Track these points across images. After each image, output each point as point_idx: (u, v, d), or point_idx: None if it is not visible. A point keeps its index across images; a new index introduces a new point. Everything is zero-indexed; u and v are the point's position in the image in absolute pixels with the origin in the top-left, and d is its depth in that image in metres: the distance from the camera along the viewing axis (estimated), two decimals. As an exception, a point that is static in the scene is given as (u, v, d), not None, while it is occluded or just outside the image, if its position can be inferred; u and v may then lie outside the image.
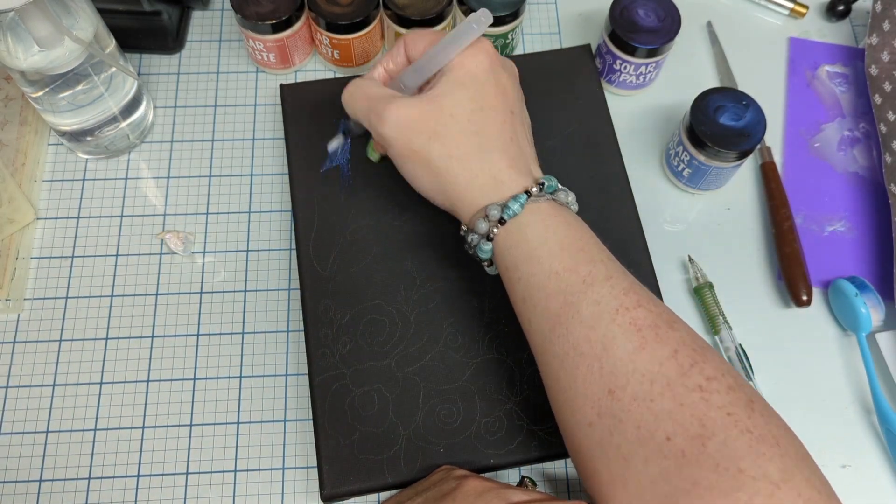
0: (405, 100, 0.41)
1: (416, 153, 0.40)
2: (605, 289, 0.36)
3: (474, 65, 0.41)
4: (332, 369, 0.45)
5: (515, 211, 0.38)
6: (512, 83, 0.43)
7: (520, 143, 0.41)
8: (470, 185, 0.40)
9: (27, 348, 0.48)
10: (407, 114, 0.40)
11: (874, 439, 0.48)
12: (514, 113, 0.42)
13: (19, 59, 0.45)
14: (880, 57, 0.56)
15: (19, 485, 0.45)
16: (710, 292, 0.50)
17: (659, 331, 0.34)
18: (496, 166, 0.39)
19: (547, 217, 0.38)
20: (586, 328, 0.35)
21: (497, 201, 0.39)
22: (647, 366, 0.33)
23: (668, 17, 0.53)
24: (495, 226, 0.39)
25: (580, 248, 0.37)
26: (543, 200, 0.39)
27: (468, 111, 0.40)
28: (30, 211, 0.51)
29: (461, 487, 0.38)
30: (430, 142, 0.40)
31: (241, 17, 0.52)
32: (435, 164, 0.40)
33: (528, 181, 0.39)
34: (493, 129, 0.40)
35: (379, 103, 0.41)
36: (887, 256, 0.52)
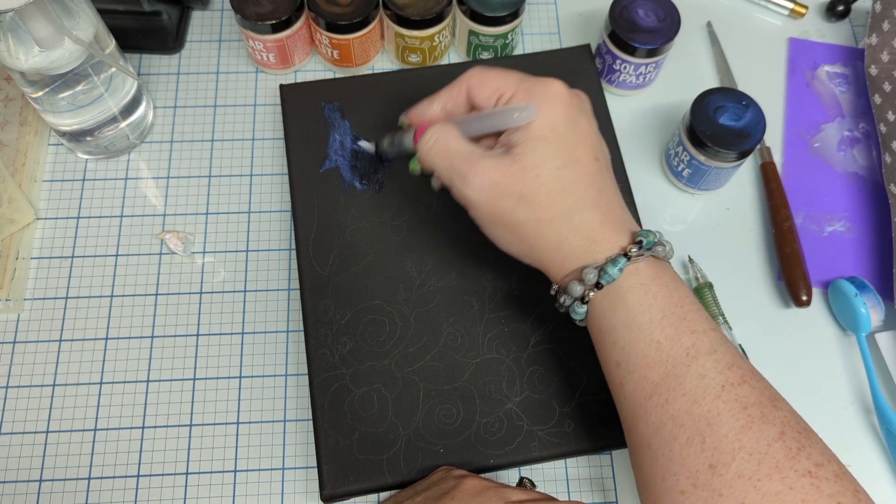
0: (489, 161, 0.38)
1: (502, 217, 0.39)
2: (709, 362, 0.34)
3: (552, 115, 0.38)
4: (332, 369, 0.45)
5: (614, 276, 0.36)
6: (590, 125, 0.40)
7: (609, 193, 0.39)
8: (561, 248, 0.38)
9: (27, 348, 0.48)
10: (492, 177, 0.38)
11: (874, 439, 0.48)
12: (598, 159, 0.39)
13: (19, 59, 0.45)
14: (880, 57, 0.56)
15: (19, 485, 0.45)
16: (710, 292, 0.50)
17: (764, 409, 0.33)
18: (588, 226, 0.37)
19: (647, 280, 0.36)
20: (689, 402, 0.34)
21: (592, 263, 0.37)
22: (754, 445, 0.32)
23: (667, 17, 0.53)
24: (591, 290, 0.37)
25: (682, 315, 0.36)
26: (642, 260, 0.37)
27: (553, 169, 0.38)
28: (30, 211, 0.51)
29: (460, 486, 0.38)
30: (517, 206, 0.38)
31: (240, 17, 0.52)
32: (523, 228, 0.38)
33: (625, 238, 0.37)
34: (580, 185, 0.38)
35: (463, 164, 0.39)
36: (887, 256, 0.52)
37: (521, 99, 0.39)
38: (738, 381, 0.34)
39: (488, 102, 0.40)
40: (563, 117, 0.38)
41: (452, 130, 0.40)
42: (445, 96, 0.42)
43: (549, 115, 0.38)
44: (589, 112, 0.41)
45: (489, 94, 0.40)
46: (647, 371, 0.35)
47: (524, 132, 0.38)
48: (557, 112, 0.38)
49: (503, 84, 0.40)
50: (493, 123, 0.40)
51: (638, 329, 0.36)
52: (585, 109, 0.41)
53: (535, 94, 0.39)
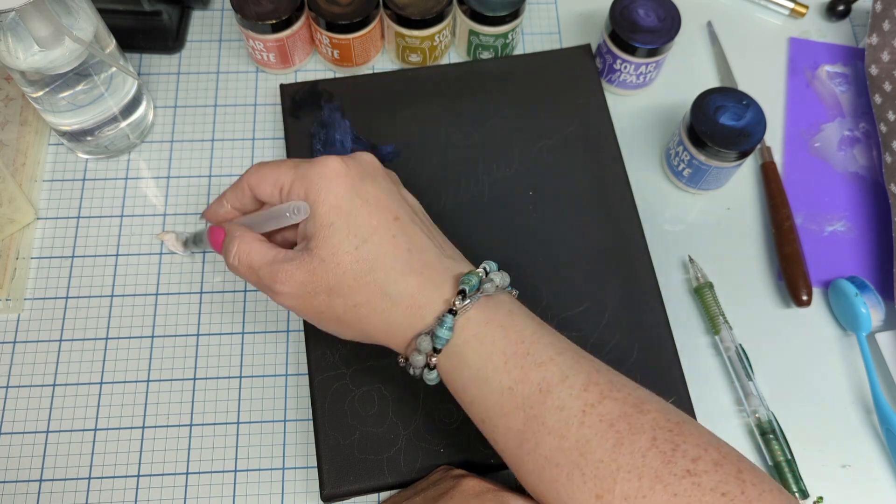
0: (290, 264, 0.37)
1: (322, 313, 0.38)
2: (563, 391, 0.33)
3: (332, 197, 0.37)
4: (332, 369, 0.45)
5: (446, 337, 0.35)
6: (378, 187, 0.38)
7: (421, 248, 0.37)
8: (388, 324, 0.37)
9: (27, 348, 0.48)
10: (297, 280, 0.37)
11: (874, 439, 0.48)
12: (398, 218, 0.37)
13: (19, 59, 0.45)
14: (880, 57, 0.56)
15: (19, 485, 0.45)
16: (710, 292, 0.50)
17: (631, 420, 0.32)
18: (406, 292, 0.36)
19: (481, 329, 0.35)
20: (556, 438, 0.33)
21: (423, 329, 0.36)
22: (630, 461, 0.31)
23: (668, 17, 0.53)
24: (432, 356, 0.36)
25: (525, 352, 0.35)
26: (471, 307, 0.35)
27: (351, 251, 0.36)
28: (30, 211, 0.51)
29: (459, 487, 0.38)
30: (331, 298, 0.37)
31: (241, 17, 0.52)
32: (345, 318, 0.37)
33: (448, 291, 0.36)
34: (386, 257, 0.36)
35: (267, 275, 0.38)
36: (887, 256, 0.52)
37: (297, 188, 0.38)
38: (598, 399, 0.33)
39: (272, 198, 0.39)
40: (345, 195, 0.37)
41: (251, 240, 0.39)
42: (232, 196, 0.41)
43: (329, 197, 0.37)
44: (374, 173, 0.39)
45: (269, 190, 0.39)
46: (509, 420, 0.34)
47: (312, 222, 0.37)
48: (337, 190, 0.37)
49: (279, 177, 0.38)
50: (274, 223, 0.39)
51: (486, 382, 0.35)
52: (370, 173, 0.39)
53: (310, 179, 0.37)
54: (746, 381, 0.48)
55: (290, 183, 0.38)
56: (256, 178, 0.39)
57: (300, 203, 0.37)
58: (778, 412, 0.48)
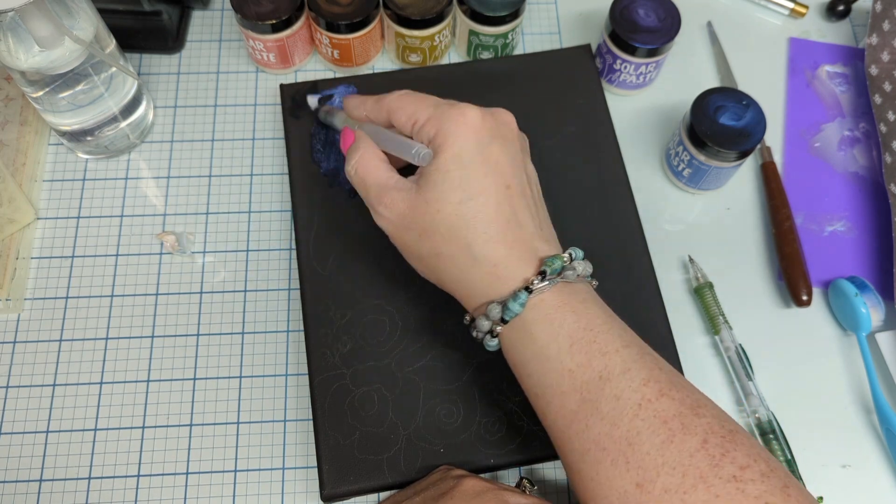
0: (397, 193, 0.39)
1: (409, 249, 0.40)
2: (623, 382, 0.34)
3: (458, 145, 0.38)
4: (332, 369, 0.45)
5: (516, 311, 0.36)
6: (504, 150, 0.39)
7: (521, 221, 0.38)
8: (464, 282, 0.38)
9: (27, 348, 0.48)
10: (398, 210, 0.38)
11: (874, 439, 0.48)
12: (510, 187, 0.38)
13: (20, 59, 0.45)
14: (880, 57, 0.56)
15: (19, 485, 0.45)
16: (710, 292, 0.50)
17: (685, 420, 0.33)
18: (491, 260, 0.37)
19: (552, 311, 0.36)
20: (608, 425, 0.34)
21: (496, 298, 0.37)
22: (677, 458, 0.32)
23: (668, 17, 0.53)
24: (498, 324, 0.37)
25: (591, 339, 0.35)
26: (547, 289, 0.36)
27: (454, 203, 0.37)
28: (30, 211, 0.51)
29: (459, 487, 0.38)
30: (420, 239, 0.38)
31: (241, 16, 0.52)
32: (427, 261, 0.39)
33: (530, 269, 0.37)
34: (483, 219, 0.37)
35: (375, 194, 0.40)
36: (887, 256, 0.52)
37: (429, 127, 0.39)
38: (656, 395, 0.34)
39: (404, 128, 0.40)
40: (470, 147, 0.38)
41: (373, 154, 0.41)
42: (372, 107, 0.42)
43: (455, 145, 0.38)
44: (506, 135, 0.40)
45: (405, 120, 0.40)
46: (564, 400, 0.35)
47: (432, 165, 0.38)
48: (465, 142, 0.38)
49: (417, 110, 0.40)
50: (399, 152, 0.40)
51: (548, 360, 0.36)
52: (501, 133, 0.39)
53: (444, 123, 0.38)
54: (746, 381, 0.48)
55: (424, 119, 0.39)
56: (397, 104, 0.41)
57: (426, 151, 0.38)
58: (778, 412, 0.47)
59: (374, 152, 0.41)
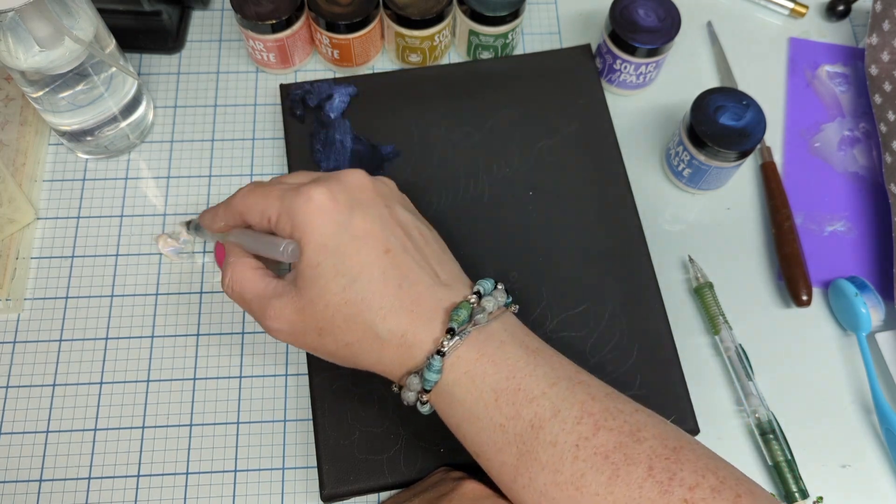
0: (279, 301, 0.37)
1: (316, 349, 0.38)
2: (556, 426, 0.33)
3: (318, 235, 0.35)
4: (332, 369, 0.45)
5: (434, 380, 0.35)
6: (371, 215, 0.36)
7: (412, 280, 0.36)
8: (381, 362, 0.36)
9: (27, 348, 0.48)
10: (287, 317, 0.37)
11: (874, 439, 0.48)
12: (389, 251, 0.36)
13: (19, 59, 0.45)
14: (880, 57, 0.56)
15: (19, 485, 0.45)
16: (710, 292, 0.50)
17: (627, 450, 0.32)
18: (396, 333, 0.35)
19: (471, 366, 0.35)
20: (550, 473, 0.33)
21: (413, 368, 0.35)
22: (626, 493, 0.31)
23: (668, 17, 0.53)
24: (421, 393, 0.36)
25: (516, 387, 0.34)
26: (461, 345, 0.35)
27: (339, 291, 0.35)
28: (30, 211, 0.51)
29: (458, 490, 0.38)
30: (321, 338, 0.37)
31: (241, 17, 0.52)
32: (339, 354, 0.37)
33: (437, 328, 0.35)
34: (375, 294, 0.35)
35: (258, 309, 0.38)
36: (887, 256, 0.52)
37: (284, 223, 0.37)
38: (592, 431, 0.33)
39: (261, 227, 0.39)
40: (331, 231, 0.36)
41: (245, 265, 0.39)
42: (224, 214, 0.40)
43: (314, 234, 0.36)
44: (363, 200, 0.37)
45: (258, 220, 0.38)
46: (503, 456, 0.34)
47: (301, 260, 0.36)
48: (324, 230, 0.36)
49: (266, 207, 0.38)
50: (268, 253, 0.38)
51: (478, 419, 0.35)
52: (359, 200, 0.37)
53: (295, 215, 0.36)
54: (746, 381, 0.48)
55: (276, 216, 0.37)
56: (244, 205, 0.39)
57: (292, 245, 0.37)
58: (778, 412, 0.47)
59: (246, 262, 0.39)
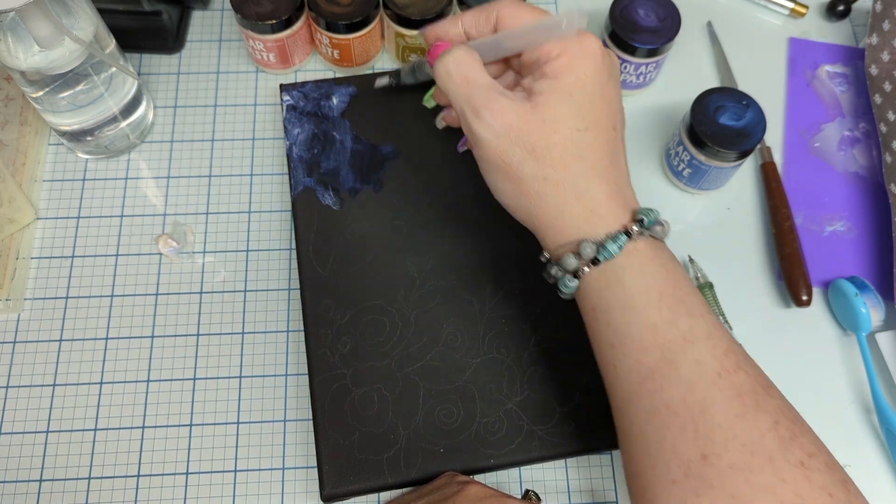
0: (508, 101, 0.36)
1: (508, 167, 0.36)
2: (706, 348, 0.33)
3: (583, 72, 0.36)
4: (332, 369, 0.45)
5: (613, 253, 0.34)
6: (616, 91, 0.38)
7: (620, 166, 0.37)
8: (562, 214, 0.36)
9: (27, 348, 0.48)
10: (508, 120, 0.35)
11: (874, 439, 0.48)
12: (616, 129, 0.37)
13: (19, 59, 0.45)
14: (880, 57, 0.56)
15: (19, 485, 0.45)
16: (710, 292, 0.50)
17: (759, 397, 0.32)
18: (594, 196, 0.35)
19: (646, 261, 0.35)
20: (684, 389, 0.32)
21: (591, 237, 0.35)
22: (748, 435, 0.31)
23: (668, 17, 0.53)
24: (587, 264, 0.35)
25: (681, 298, 0.34)
26: (641, 239, 0.35)
27: (572, 129, 0.35)
28: (30, 211, 0.51)
29: (463, 492, 0.38)
30: (526, 158, 0.35)
31: (241, 16, 0.52)
32: (527, 184, 0.36)
33: (627, 216, 0.36)
34: (595, 153, 0.36)
35: (480, 97, 0.36)
36: (887, 256, 0.52)
37: (555, 47, 0.36)
38: (734, 367, 0.33)
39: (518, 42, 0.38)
40: (592, 77, 0.36)
41: (475, 58, 0.37)
42: (471, 19, 0.39)
43: (579, 71, 0.36)
44: (617, 77, 0.39)
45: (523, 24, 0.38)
46: (643, 355, 0.34)
47: (551, 82, 0.36)
48: (588, 70, 0.36)
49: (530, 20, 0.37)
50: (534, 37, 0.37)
51: (634, 311, 0.34)
52: (615, 74, 0.38)
53: (570, 45, 0.36)
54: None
55: None
56: (511, 9, 0.38)
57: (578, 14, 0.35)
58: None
59: (474, 56, 0.37)
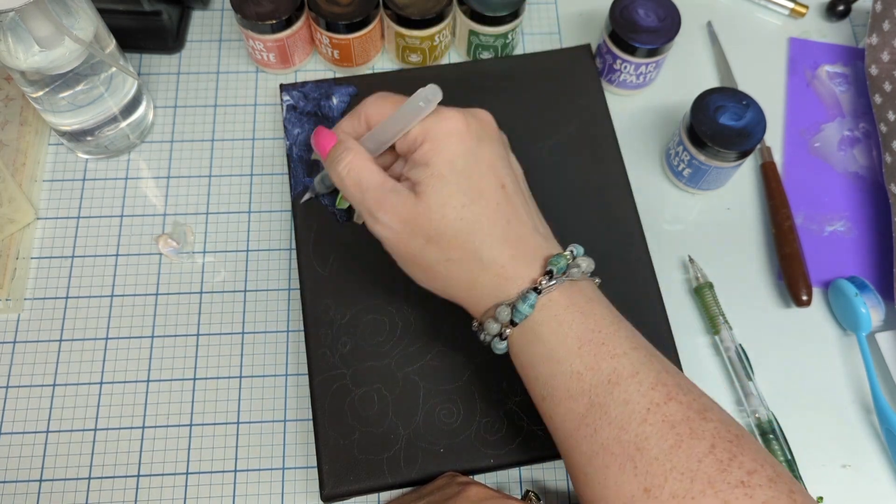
0: (397, 198, 0.38)
1: (413, 257, 0.38)
2: (632, 386, 0.34)
3: (450, 152, 0.37)
4: (332, 369, 0.45)
5: (526, 313, 0.36)
6: (493, 150, 0.38)
7: (520, 221, 0.38)
8: (473, 287, 0.37)
9: (27, 348, 0.48)
10: (400, 216, 0.37)
11: (874, 439, 0.48)
12: (504, 186, 0.38)
13: (19, 59, 0.45)
14: (880, 57, 0.56)
15: (19, 485, 0.45)
16: (710, 292, 0.50)
17: (693, 424, 0.33)
18: (498, 262, 0.37)
19: (561, 311, 0.36)
20: (616, 429, 0.33)
21: (504, 300, 0.36)
22: (686, 463, 0.32)
23: (668, 17, 0.53)
24: (507, 327, 0.37)
25: (601, 341, 0.35)
26: (555, 288, 0.36)
27: (457, 208, 0.37)
28: (30, 211, 0.51)
29: (463, 493, 0.38)
30: (427, 246, 0.37)
31: (241, 16, 0.52)
32: (434, 268, 0.38)
33: (536, 270, 0.37)
34: (487, 222, 0.37)
35: (371, 199, 0.38)
36: (887, 256, 0.52)
37: (417, 134, 0.38)
38: (664, 399, 0.33)
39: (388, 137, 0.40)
40: (460, 153, 0.37)
41: (363, 158, 0.39)
42: (347, 125, 0.41)
43: (447, 150, 0.37)
44: (491, 135, 0.39)
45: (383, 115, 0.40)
46: (572, 403, 0.35)
47: (424, 170, 0.37)
48: (454, 148, 0.37)
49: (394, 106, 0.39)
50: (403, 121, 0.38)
51: (557, 363, 0.35)
52: (487, 134, 0.39)
53: (430, 128, 0.38)
54: (746, 381, 0.48)
55: None
56: (374, 109, 0.40)
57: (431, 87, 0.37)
58: (778, 412, 0.48)
59: (366, 153, 0.40)
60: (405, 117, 0.38)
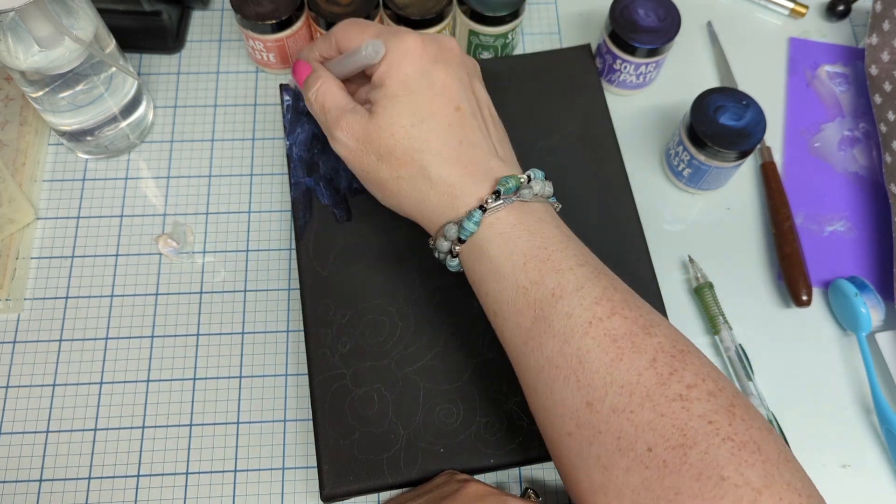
0: (352, 117, 0.40)
1: (368, 174, 0.40)
2: (574, 300, 0.34)
3: (403, 72, 0.39)
4: (332, 369, 0.45)
5: (471, 230, 0.37)
6: (448, 73, 0.40)
7: (473, 142, 0.39)
8: (424, 205, 0.39)
9: (27, 348, 0.48)
10: (354, 134, 0.39)
11: (874, 439, 0.48)
12: (460, 108, 0.39)
13: (19, 59, 0.45)
14: (880, 57, 0.56)
15: (19, 485, 0.45)
16: (710, 292, 0.50)
17: (635, 339, 0.33)
18: (446, 181, 0.38)
19: (507, 228, 0.37)
20: (559, 342, 0.34)
21: (453, 218, 0.38)
22: (625, 377, 0.32)
23: (668, 17, 0.53)
24: (456, 244, 0.38)
25: (545, 257, 0.36)
26: (502, 208, 0.37)
27: (406, 127, 0.38)
28: (30, 211, 0.51)
29: (462, 490, 0.38)
30: (379, 163, 0.39)
31: (241, 16, 0.52)
32: (388, 186, 0.40)
33: (484, 189, 0.37)
34: (436, 140, 0.38)
35: (332, 119, 0.40)
36: (887, 256, 0.52)
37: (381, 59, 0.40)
38: (608, 314, 0.34)
39: None
40: (415, 73, 0.39)
41: (331, 83, 0.41)
42: (321, 45, 0.44)
43: (400, 71, 0.39)
44: (450, 59, 0.40)
45: (354, 45, 0.41)
46: (519, 317, 0.36)
47: (379, 90, 0.39)
48: (409, 68, 0.39)
49: (363, 34, 0.41)
50: (352, 63, 0.41)
51: (503, 278, 0.36)
52: (445, 57, 0.40)
53: (388, 47, 0.39)
54: (746, 381, 0.48)
55: None
56: (343, 32, 0.42)
57: (375, 42, 0.39)
58: (778, 412, 0.48)
59: (334, 80, 0.42)
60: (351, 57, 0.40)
